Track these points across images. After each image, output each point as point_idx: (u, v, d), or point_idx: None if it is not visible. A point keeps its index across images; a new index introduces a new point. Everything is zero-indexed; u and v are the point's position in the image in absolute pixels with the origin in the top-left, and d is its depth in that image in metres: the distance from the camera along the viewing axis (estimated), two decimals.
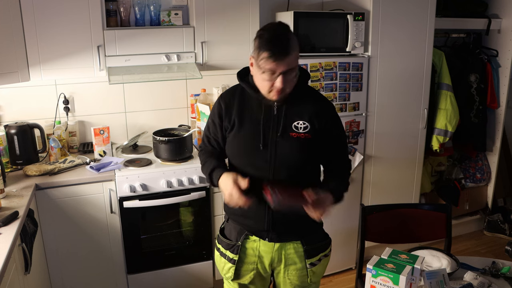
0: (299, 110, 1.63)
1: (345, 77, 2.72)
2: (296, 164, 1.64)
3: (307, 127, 1.62)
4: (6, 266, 1.53)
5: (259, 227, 1.69)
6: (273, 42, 1.48)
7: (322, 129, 1.63)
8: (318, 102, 1.67)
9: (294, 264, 1.73)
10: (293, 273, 1.74)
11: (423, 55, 2.93)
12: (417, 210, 2.30)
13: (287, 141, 1.61)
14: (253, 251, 1.72)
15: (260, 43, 1.50)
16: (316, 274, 1.77)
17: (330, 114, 1.67)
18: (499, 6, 3.36)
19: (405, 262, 1.45)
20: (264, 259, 1.72)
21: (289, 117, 1.62)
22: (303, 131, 1.62)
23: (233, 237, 1.74)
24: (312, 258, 1.72)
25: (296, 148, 1.62)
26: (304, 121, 1.62)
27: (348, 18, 2.65)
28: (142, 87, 2.90)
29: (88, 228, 2.42)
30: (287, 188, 1.55)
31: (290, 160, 1.63)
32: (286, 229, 1.69)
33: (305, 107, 1.64)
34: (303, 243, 1.71)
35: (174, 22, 2.70)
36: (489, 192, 3.70)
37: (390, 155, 3.00)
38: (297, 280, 1.75)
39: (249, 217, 1.69)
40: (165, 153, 2.56)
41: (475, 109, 3.36)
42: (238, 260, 1.72)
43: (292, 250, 1.71)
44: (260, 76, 1.54)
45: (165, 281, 2.63)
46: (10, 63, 2.28)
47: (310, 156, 1.65)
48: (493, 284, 1.63)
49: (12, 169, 2.47)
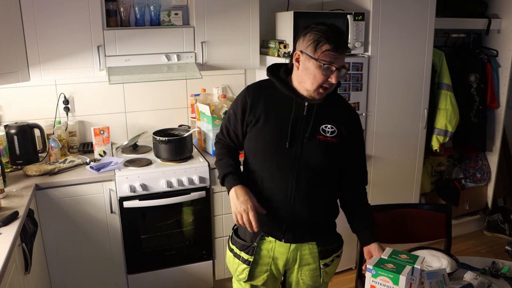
0: (329, 113, 1.62)
1: (345, 77, 2.71)
2: (318, 167, 1.62)
3: (334, 132, 1.61)
4: (6, 266, 1.53)
5: (277, 227, 1.66)
6: (336, 35, 1.48)
7: (348, 136, 1.63)
8: (348, 110, 1.69)
9: (308, 264, 1.72)
10: (306, 273, 1.73)
11: (423, 55, 2.93)
12: (417, 210, 2.30)
13: (313, 143, 1.60)
14: (268, 252, 1.70)
15: (319, 36, 1.48)
16: (329, 275, 1.78)
17: (358, 124, 1.70)
18: (499, 6, 3.36)
19: (405, 262, 1.45)
20: (279, 260, 1.71)
21: (319, 120, 1.61)
22: (330, 135, 1.61)
23: (248, 238, 1.72)
24: (326, 259, 1.73)
25: (321, 151, 1.61)
26: (332, 126, 1.61)
27: (348, 18, 2.65)
28: (142, 87, 2.90)
29: (88, 228, 2.42)
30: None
31: (313, 163, 1.61)
32: (302, 230, 1.68)
33: (335, 112, 1.64)
34: (318, 244, 1.71)
35: (174, 22, 2.70)
36: (489, 192, 3.70)
37: (390, 155, 3.00)
38: (309, 280, 1.74)
39: (268, 216, 1.65)
40: (165, 153, 2.56)
41: (475, 109, 3.36)
42: (253, 262, 1.70)
43: (307, 251, 1.71)
44: (314, 71, 1.51)
45: (165, 281, 2.63)
46: (10, 63, 2.28)
47: (333, 161, 1.64)
48: (493, 284, 1.62)
49: (12, 169, 2.47)
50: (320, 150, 1.60)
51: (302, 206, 1.63)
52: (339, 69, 1.51)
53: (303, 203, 1.63)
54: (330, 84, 1.53)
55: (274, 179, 1.63)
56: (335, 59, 1.48)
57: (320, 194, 1.65)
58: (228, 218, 2.69)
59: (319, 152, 1.60)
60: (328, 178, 1.67)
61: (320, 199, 1.66)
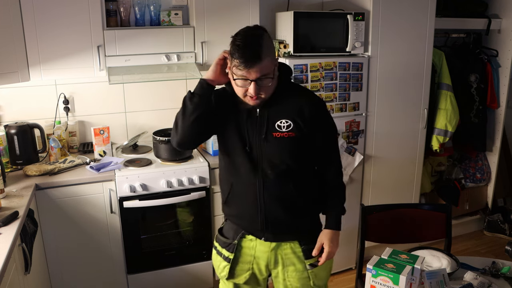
0: (281, 108, 1.60)
1: (345, 77, 2.72)
2: (282, 164, 1.62)
3: (290, 126, 1.59)
4: (6, 266, 1.53)
5: (254, 227, 1.68)
6: (244, 49, 1.45)
7: (307, 126, 1.60)
8: (301, 98, 1.63)
9: (292, 265, 1.71)
10: (292, 275, 1.72)
11: (423, 55, 2.93)
12: (417, 210, 2.30)
13: (271, 141, 1.60)
14: (249, 251, 1.71)
15: (232, 49, 1.48)
16: (319, 277, 1.74)
17: (316, 110, 1.62)
18: (499, 6, 3.36)
19: (405, 262, 1.45)
20: (260, 260, 1.71)
21: (272, 117, 1.60)
22: (286, 130, 1.59)
23: (230, 235, 1.74)
24: (312, 259, 1.70)
25: (280, 148, 1.61)
26: (286, 120, 1.59)
27: (348, 18, 2.65)
28: (142, 87, 2.90)
29: (88, 228, 2.42)
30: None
31: (276, 160, 1.61)
32: (280, 229, 1.68)
33: (288, 105, 1.60)
34: (300, 243, 1.70)
35: (174, 22, 2.70)
36: (489, 192, 3.70)
37: (390, 155, 3.00)
38: (297, 282, 1.72)
39: (244, 218, 1.70)
40: (165, 153, 2.56)
41: (475, 109, 3.36)
42: (233, 259, 1.72)
43: (289, 250, 1.70)
44: (234, 82, 1.53)
45: (165, 281, 2.63)
46: (10, 63, 2.28)
47: (296, 155, 1.63)
48: (493, 284, 1.63)
49: (12, 169, 2.47)
50: (278, 147, 1.60)
51: (275, 206, 1.64)
52: (259, 80, 1.48)
53: (275, 203, 1.64)
54: (254, 95, 1.50)
55: (242, 183, 1.66)
56: (247, 72, 1.46)
57: (291, 191, 1.64)
58: None
59: (278, 149, 1.60)
60: (298, 173, 1.65)
61: (292, 195, 1.64)
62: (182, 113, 1.58)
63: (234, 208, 1.73)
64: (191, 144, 1.71)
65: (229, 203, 1.73)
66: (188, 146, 1.72)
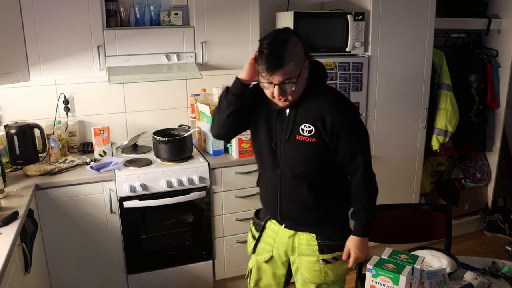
0: (308, 112, 1.62)
1: (345, 77, 2.72)
2: (299, 166, 1.65)
3: (312, 131, 1.60)
4: (6, 266, 1.53)
5: (274, 215, 1.81)
6: (267, 55, 1.48)
7: (327, 134, 1.59)
8: (326, 104, 1.60)
9: (306, 255, 1.77)
10: (305, 264, 1.77)
11: (423, 55, 2.93)
12: (417, 210, 2.30)
13: (293, 143, 1.64)
14: (272, 233, 1.83)
15: (257, 56, 1.52)
16: (330, 275, 1.77)
17: (337, 120, 1.58)
18: (499, 6, 3.36)
19: (405, 262, 1.45)
20: (280, 244, 1.81)
21: (298, 120, 1.63)
22: (307, 135, 1.61)
23: (261, 217, 1.90)
24: (325, 255, 1.74)
25: (300, 151, 1.64)
26: (309, 125, 1.60)
27: (348, 18, 2.65)
28: (142, 87, 2.90)
29: (88, 228, 2.42)
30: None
31: (293, 162, 1.65)
32: (295, 222, 1.76)
33: (313, 110, 1.61)
34: (317, 237, 1.74)
35: (174, 22, 2.70)
36: (489, 192, 3.70)
37: (390, 155, 3.00)
38: (308, 273, 1.77)
39: (268, 205, 1.84)
40: (165, 153, 2.56)
41: (475, 109, 3.36)
42: (258, 238, 1.87)
43: (304, 241, 1.75)
44: (261, 84, 1.57)
45: (165, 281, 2.63)
46: (10, 63, 2.28)
47: (314, 160, 1.64)
48: (493, 284, 1.62)
49: (12, 169, 2.47)
50: (298, 150, 1.64)
51: (289, 203, 1.73)
52: (283, 83, 1.51)
53: (289, 200, 1.73)
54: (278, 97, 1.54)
55: (265, 177, 1.79)
56: (271, 77, 1.50)
57: (305, 193, 1.67)
58: (228, 218, 2.69)
59: (297, 152, 1.64)
60: (315, 177, 1.67)
61: (306, 198, 1.68)
62: (218, 107, 1.72)
63: (262, 195, 1.87)
64: (227, 135, 1.79)
65: (260, 189, 1.89)
66: (225, 137, 1.81)
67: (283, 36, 1.52)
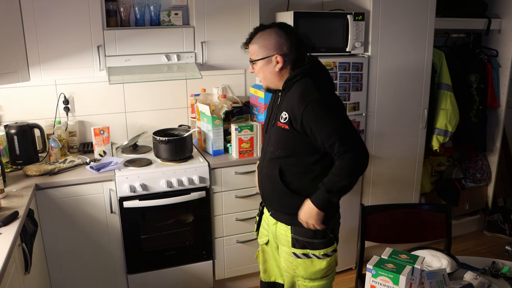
0: (287, 101, 1.74)
1: (345, 77, 2.72)
2: (274, 152, 1.78)
3: (287, 118, 1.72)
4: (6, 266, 1.53)
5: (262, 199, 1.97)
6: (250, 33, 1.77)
7: (298, 122, 1.69)
8: (296, 94, 1.71)
9: (283, 245, 1.88)
10: (282, 254, 1.90)
11: (423, 55, 2.93)
12: (417, 210, 2.30)
13: (275, 129, 1.79)
14: (266, 218, 1.98)
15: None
16: (301, 270, 1.82)
17: (301, 112, 1.66)
18: (499, 6, 3.36)
19: (405, 262, 1.45)
20: (270, 231, 1.95)
21: (281, 107, 1.77)
22: (283, 121, 1.74)
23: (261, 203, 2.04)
24: (297, 249, 1.81)
25: (276, 137, 1.79)
26: (285, 112, 1.73)
27: (348, 18, 2.65)
28: (142, 87, 2.90)
29: (88, 228, 2.42)
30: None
31: (272, 147, 1.81)
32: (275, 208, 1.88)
33: (290, 99, 1.73)
34: (291, 229, 1.81)
35: (174, 22, 2.70)
36: (489, 192, 3.70)
37: (390, 155, 3.00)
38: (284, 263, 1.89)
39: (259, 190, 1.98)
40: (165, 153, 2.56)
41: (475, 109, 3.36)
42: (257, 222, 2.06)
43: (283, 231, 1.85)
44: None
45: (165, 281, 2.63)
46: (10, 63, 2.28)
47: (285, 146, 1.76)
48: (493, 284, 1.63)
49: (12, 169, 2.47)
50: (275, 135, 1.79)
51: (266, 187, 1.88)
52: (251, 63, 1.78)
53: (266, 184, 1.88)
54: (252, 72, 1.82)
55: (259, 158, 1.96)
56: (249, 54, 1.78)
57: (276, 177, 1.78)
58: (228, 218, 2.69)
59: (275, 137, 1.80)
60: (285, 163, 1.77)
61: (277, 182, 1.78)
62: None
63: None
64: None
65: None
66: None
67: (267, 25, 1.75)
